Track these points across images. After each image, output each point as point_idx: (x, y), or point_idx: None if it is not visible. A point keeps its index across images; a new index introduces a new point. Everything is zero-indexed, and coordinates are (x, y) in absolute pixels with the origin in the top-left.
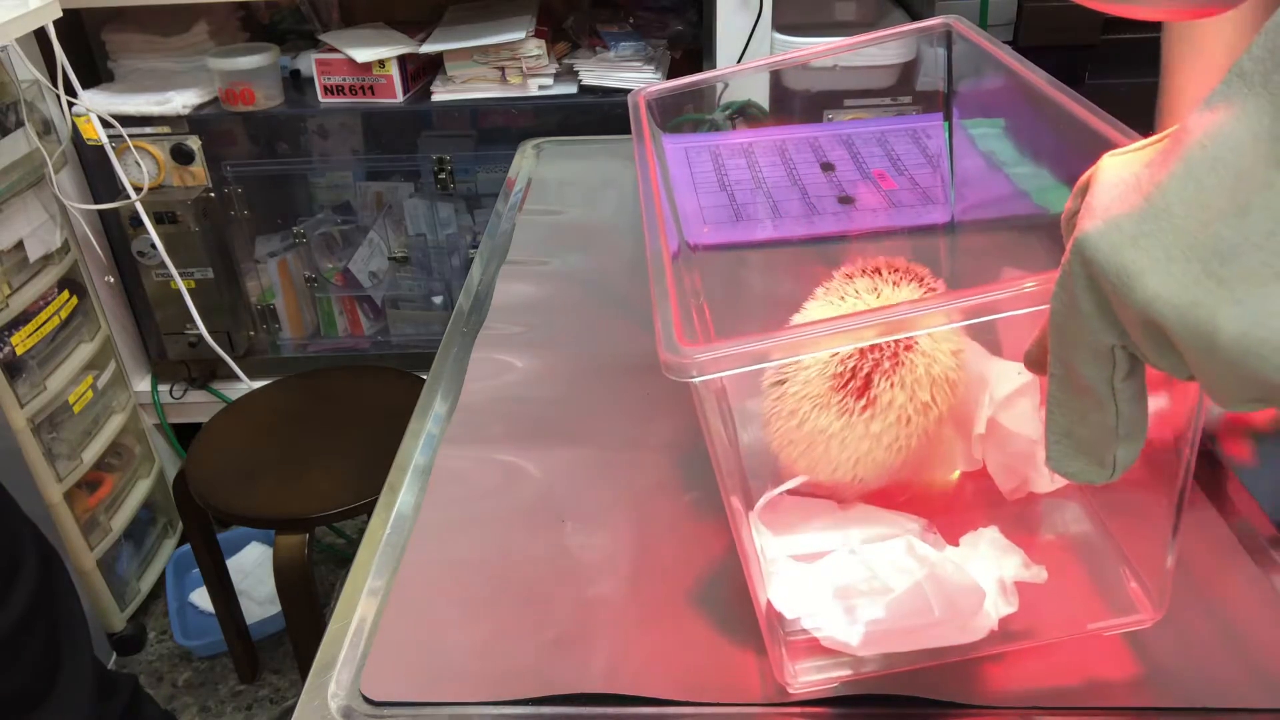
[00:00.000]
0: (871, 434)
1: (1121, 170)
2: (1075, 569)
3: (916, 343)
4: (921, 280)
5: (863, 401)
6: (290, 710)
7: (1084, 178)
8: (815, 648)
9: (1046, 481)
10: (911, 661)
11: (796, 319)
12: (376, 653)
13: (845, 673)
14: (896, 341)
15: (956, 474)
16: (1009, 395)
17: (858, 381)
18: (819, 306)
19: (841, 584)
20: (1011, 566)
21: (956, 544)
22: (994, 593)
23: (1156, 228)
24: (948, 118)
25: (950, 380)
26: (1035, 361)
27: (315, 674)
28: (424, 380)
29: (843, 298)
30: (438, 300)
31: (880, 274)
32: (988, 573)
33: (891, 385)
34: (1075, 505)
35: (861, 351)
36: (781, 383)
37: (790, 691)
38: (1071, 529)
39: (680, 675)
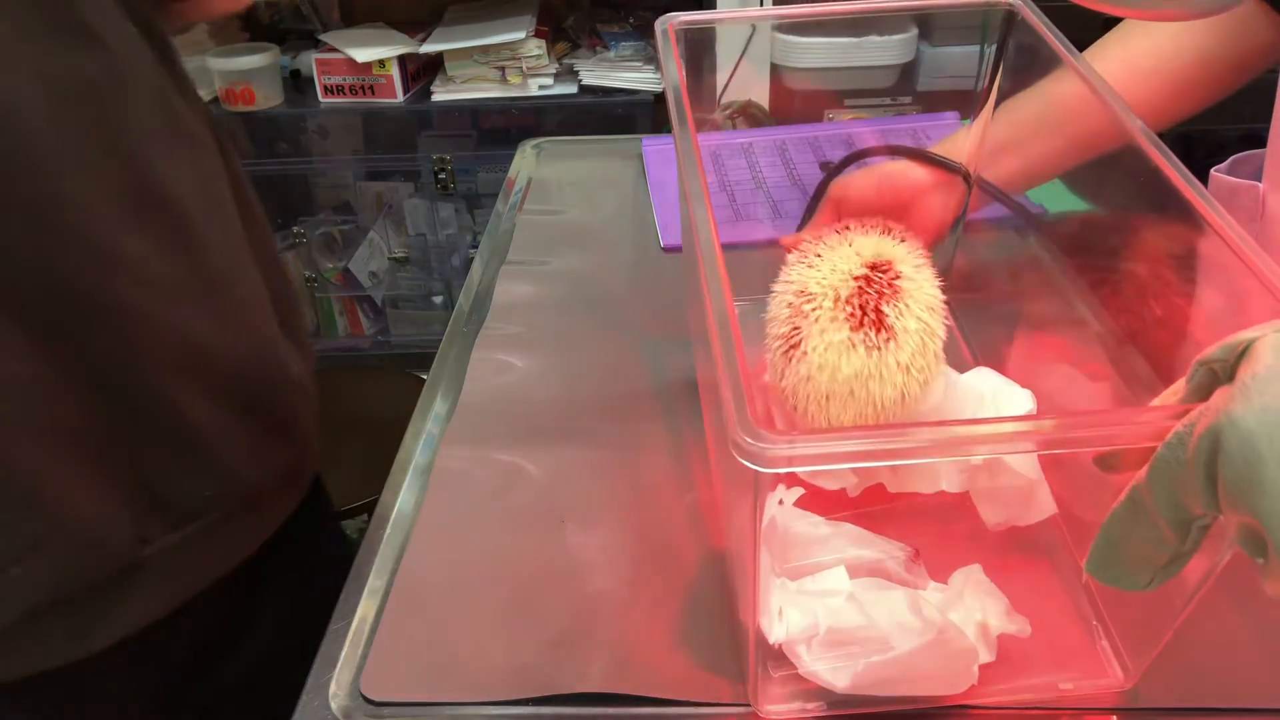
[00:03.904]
0: (900, 365)
1: None
2: (1051, 616)
3: (901, 273)
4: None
5: (884, 333)
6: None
7: (1244, 336)
8: (794, 678)
9: (1030, 516)
10: (888, 704)
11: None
12: (376, 653)
13: (819, 704)
14: (884, 272)
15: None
16: None
17: (871, 315)
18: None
19: (836, 625)
20: (994, 613)
21: (936, 574)
22: (974, 636)
23: None
24: (978, 114)
25: (935, 307)
26: (1111, 468)
27: (315, 674)
28: (424, 380)
29: (819, 254)
30: (438, 300)
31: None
32: (970, 615)
33: (899, 312)
34: (1057, 544)
35: (861, 286)
36: (796, 346)
37: (760, 715)
38: (1052, 572)
39: (680, 675)
